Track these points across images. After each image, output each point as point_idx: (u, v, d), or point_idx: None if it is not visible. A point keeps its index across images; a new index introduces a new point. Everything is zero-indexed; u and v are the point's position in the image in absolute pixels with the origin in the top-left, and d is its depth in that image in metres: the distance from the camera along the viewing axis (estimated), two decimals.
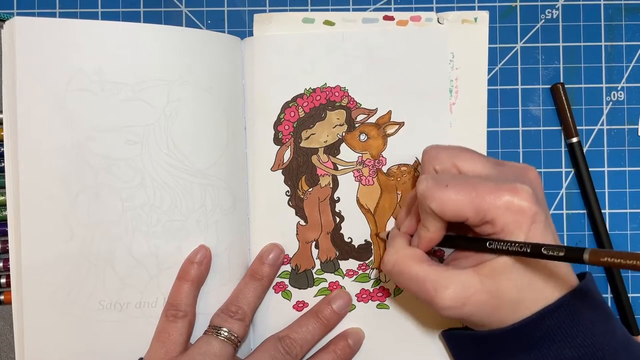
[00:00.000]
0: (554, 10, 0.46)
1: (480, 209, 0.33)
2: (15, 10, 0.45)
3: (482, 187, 0.33)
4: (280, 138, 0.43)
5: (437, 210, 0.34)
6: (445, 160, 0.37)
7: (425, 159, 0.38)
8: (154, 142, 0.40)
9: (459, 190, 0.33)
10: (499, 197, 0.33)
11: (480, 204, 0.33)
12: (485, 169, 0.36)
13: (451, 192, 0.33)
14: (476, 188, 0.33)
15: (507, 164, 0.37)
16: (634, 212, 0.46)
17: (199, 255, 0.40)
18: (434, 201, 0.34)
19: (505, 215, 0.33)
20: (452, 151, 0.37)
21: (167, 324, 0.39)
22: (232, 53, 0.43)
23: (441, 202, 0.33)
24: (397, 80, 0.43)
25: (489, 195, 0.33)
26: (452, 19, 0.44)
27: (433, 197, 0.34)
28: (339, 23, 0.44)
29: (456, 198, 0.33)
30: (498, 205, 0.33)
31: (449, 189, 0.33)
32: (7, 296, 0.42)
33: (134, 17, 0.45)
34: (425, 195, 0.34)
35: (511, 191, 0.33)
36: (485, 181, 0.34)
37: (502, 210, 0.33)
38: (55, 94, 0.39)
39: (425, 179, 0.35)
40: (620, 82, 0.46)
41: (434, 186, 0.34)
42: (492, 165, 0.36)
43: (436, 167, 0.37)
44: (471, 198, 0.33)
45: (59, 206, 0.39)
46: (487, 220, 0.33)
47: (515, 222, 0.33)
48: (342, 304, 0.43)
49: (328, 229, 0.44)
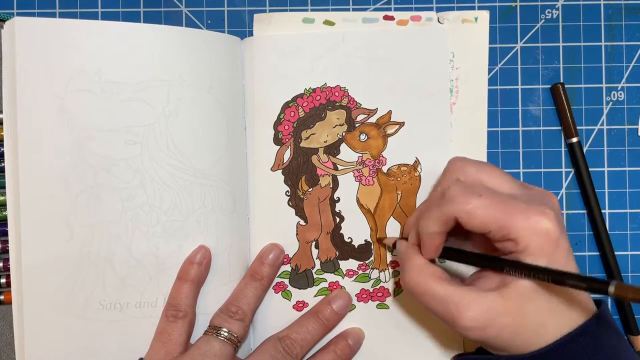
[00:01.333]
0: (554, 10, 0.46)
1: (507, 225, 0.33)
2: (15, 10, 0.45)
3: (513, 205, 0.33)
4: (280, 138, 0.43)
5: (464, 218, 0.33)
6: (471, 173, 0.36)
7: (450, 168, 0.38)
8: (154, 142, 0.40)
9: (491, 202, 0.33)
10: (528, 217, 0.32)
11: (508, 220, 0.33)
12: (512, 189, 0.36)
13: (485, 201, 0.33)
14: (508, 204, 0.33)
15: (531, 187, 0.37)
16: (634, 212, 0.46)
17: (199, 255, 0.40)
18: (466, 206, 0.33)
19: (530, 236, 0.32)
20: (480, 166, 0.37)
21: (167, 324, 0.39)
22: (232, 53, 0.43)
23: (473, 209, 0.33)
24: (397, 80, 0.43)
25: (519, 214, 0.33)
26: (452, 19, 0.44)
27: (466, 202, 0.33)
28: (339, 23, 0.44)
29: (487, 209, 0.33)
30: (525, 225, 0.32)
31: (482, 198, 0.33)
32: (7, 296, 0.42)
33: (134, 17, 0.45)
34: (457, 200, 0.34)
35: (540, 213, 0.33)
36: (516, 200, 0.34)
37: (528, 231, 0.32)
38: (56, 94, 0.39)
39: (459, 184, 0.34)
40: (620, 82, 0.46)
41: (468, 192, 0.34)
42: (518, 186, 0.36)
43: (461, 178, 0.37)
44: (501, 212, 0.33)
45: (59, 206, 0.39)
46: (509, 237, 0.33)
47: (539, 244, 0.32)
48: (342, 304, 0.43)
49: (328, 229, 0.44)
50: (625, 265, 0.45)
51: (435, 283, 0.35)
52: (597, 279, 0.30)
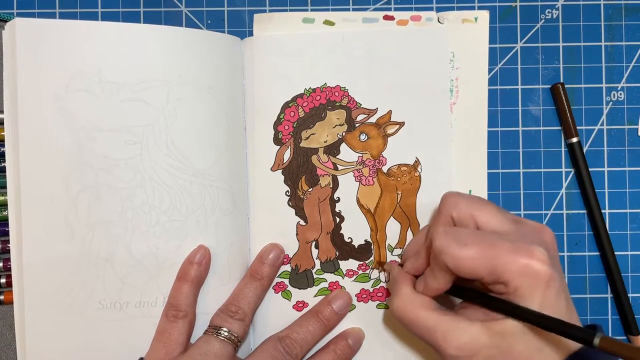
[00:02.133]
0: (554, 10, 0.46)
1: (496, 270, 0.32)
2: (15, 10, 0.45)
3: (500, 248, 0.33)
4: (280, 138, 0.43)
5: (453, 268, 0.34)
6: (463, 209, 0.36)
7: (444, 204, 0.38)
8: (154, 142, 0.40)
9: (477, 251, 0.33)
10: (515, 259, 0.32)
11: (496, 265, 0.32)
12: (502, 225, 0.35)
13: (470, 251, 0.33)
14: (494, 248, 0.33)
15: (524, 221, 0.37)
16: (634, 212, 0.46)
17: (199, 255, 0.40)
18: (452, 259, 0.33)
19: (520, 278, 0.32)
20: (471, 202, 0.37)
21: (167, 324, 0.39)
22: (232, 53, 0.43)
23: (458, 260, 0.33)
24: (397, 80, 0.43)
25: (506, 257, 0.32)
26: (452, 19, 0.44)
27: (451, 255, 0.33)
28: (339, 23, 0.44)
29: (473, 258, 0.33)
30: (514, 268, 0.32)
31: (467, 248, 0.33)
32: (7, 296, 0.42)
33: (134, 17, 0.45)
34: (443, 251, 0.34)
35: (528, 254, 0.32)
36: (503, 241, 0.33)
37: (518, 274, 0.32)
38: (56, 95, 0.39)
39: (444, 233, 0.34)
40: (620, 82, 0.46)
41: (452, 243, 0.33)
42: (509, 222, 0.36)
43: (453, 214, 0.37)
44: (488, 259, 0.33)
45: (60, 206, 0.39)
46: (500, 281, 0.33)
47: (529, 285, 0.32)
48: (342, 304, 0.43)
49: (328, 229, 0.44)
50: (625, 265, 0.45)
51: (423, 312, 0.36)
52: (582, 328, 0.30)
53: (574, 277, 0.45)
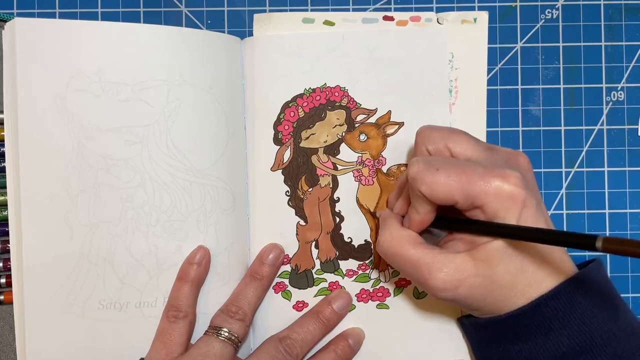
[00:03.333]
0: (554, 10, 0.46)
1: (470, 194, 0.33)
2: (15, 10, 0.45)
3: (472, 172, 0.33)
4: (280, 138, 0.43)
5: (427, 194, 0.34)
6: (437, 141, 0.37)
7: (418, 139, 0.38)
8: (154, 142, 0.40)
9: (449, 175, 0.33)
10: (489, 182, 0.33)
11: (469, 189, 0.33)
12: (476, 153, 0.36)
13: (441, 175, 0.33)
14: (466, 172, 0.33)
15: (498, 148, 0.37)
16: (634, 212, 0.46)
17: (198, 255, 0.40)
18: (424, 184, 0.34)
19: (495, 201, 0.33)
20: (445, 132, 0.37)
21: (167, 325, 0.39)
22: (232, 53, 0.43)
23: (431, 185, 0.34)
24: (397, 80, 0.43)
25: (479, 181, 0.33)
26: (452, 19, 0.44)
27: (423, 181, 0.34)
28: (339, 23, 0.44)
29: (446, 182, 0.33)
30: (488, 191, 0.33)
31: (439, 172, 0.34)
32: (7, 296, 0.42)
33: (134, 17, 0.45)
34: (416, 178, 0.34)
35: (501, 176, 0.33)
36: (476, 166, 0.34)
37: (492, 196, 0.33)
38: (56, 95, 0.39)
39: (417, 161, 0.35)
40: (620, 82, 0.46)
41: (424, 169, 0.34)
42: (483, 149, 0.36)
43: (429, 147, 0.37)
44: (461, 183, 0.33)
45: (60, 206, 0.39)
46: (476, 205, 0.33)
47: (505, 208, 0.33)
48: (342, 304, 0.43)
49: (328, 229, 0.44)
50: (625, 265, 0.45)
51: (408, 246, 0.36)
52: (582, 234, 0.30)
53: None
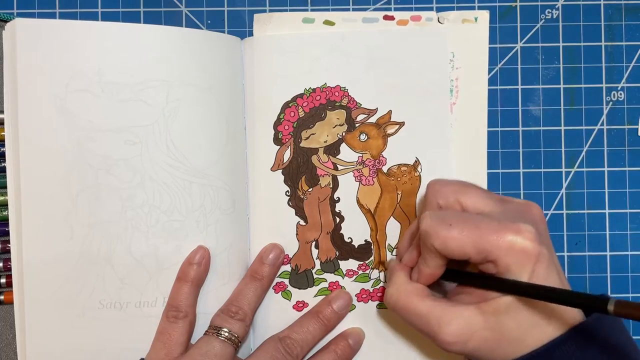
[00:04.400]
0: (554, 10, 0.46)
1: (483, 248, 0.33)
2: (15, 10, 0.45)
3: (486, 227, 0.33)
4: (280, 138, 0.43)
5: (440, 249, 0.34)
6: (448, 195, 0.37)
7: (430, 192, 0.38)
8: (154, 142, 0.40)
9: (462, 230, 0.33)
10: (502, 237, 0.32)
11: (483, 244, 0.33)
12: (488, 206, 0.36)
13: (454, 231, 0.33)
14: (479, 227, 0.33)
15: (510, 200, 0.37)
16: (634, 212, 0.46)
17: (198, 256, 0.40)
18: (437, 240, 0.34)
19: (508, 255, 0.32)
20: (456, 187, 0.37)
21: (167, 325, 0.39)
22: (232, 53, 0.43)
23: (444, 240, 0.33)
24: (397, 80, 0.43)
25: (492, 235, 0.33)
26: (453, 19, 0.44)
27: (437, 236, 0.34)
28: (339, 23, 0.44)
29: (459, 237, 0.33)
30: (501, 245, 0.32)
31: (452, 227, 0.33)
32: (7, 296, 0.42)
33: (134, 17, 0.45)
34: (429, 232, 0.34)
35: (514, 231, 0.33)
36: (489, 220, 0.34)
37: (505, 251, 0.32)
38: (56, 95, 0.39)
39: (429, 216, 0.34)
40: (620, 82, 0.46)
41: (437, 224, 0.34)
42: (495, 202, 0.36)
43: (439, 201, 0.37)
44: (474, 238, 0.33)
45: (60, 206, 0.39)
46: (489, 259, 0.33)
47: (518, 262, 0.32)
48: (343, 304, 0.43)
49: (328, 229, 0.44)
50: (625, 265, 0.45)
51: (416, 300, 0.36)
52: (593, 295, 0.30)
53: (574, 277, 0.45)
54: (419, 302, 0.36)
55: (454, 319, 0.34)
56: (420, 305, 0.36)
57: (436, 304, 0.35)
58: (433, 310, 0.35)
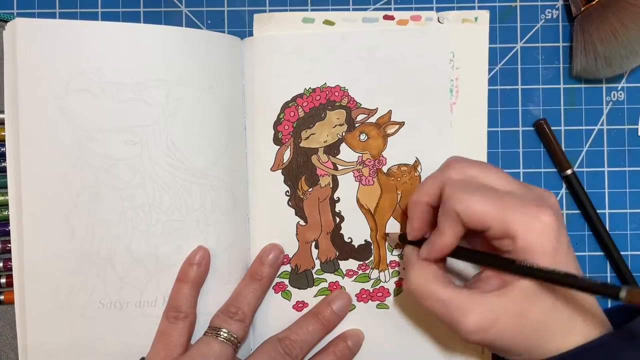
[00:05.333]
0: (554, 10, 0.46)
1: (505, 222, 0.33)
2: (15, 10, 0.45)
3: (510, 201, 0.33)
4: (280, 138, 0.43)
5: (462, 213, 0.33)
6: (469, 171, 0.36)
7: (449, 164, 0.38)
8: (154, 142, 0.40)
9: (487, 198, 0.33)
10: (526, 212, 0.32)
11: (506, 216, 0.32)
12: (510, 186, 0.36)
13: (480, 197, 0.33)
14: (504, 200, 0.33)
15: (530, 186, 0.37)
16: (634, 212, 0.46)
17: (198, 256, 0.40)
18: (461, 204, 0.33)
19: (529, 233, 0.32)
20: (478, 165, 0.37)
21: (167, 325, 0.39)
22: (232, 53, 0.43)
23: (468, 205, 0.33)
24: (398, 79, 0.43)
25: (516, 210, 0.33)
26: (453, 19, 0.44)
27: (461, 200, 0.33)
28: (339, 23, 0.44)
29: (484, 204, 0.33)
30: (524, 222, 0.32)
31: (477, 194, 0.33)
32: (7, 296, 0.43)
33: (134, 17, 0.45)
34: (453, 196, 0.34)
35: (539, 209, 0.33)
36: (514, 196, 0.34)
37: (527, 227, 0.32)
38: (56, 95, 0.39)
39: (456, 181, 0.34)
40: (620, 82, 0.45)
41: (463, 189, 0.34)
42: (517, 184, 0.36)
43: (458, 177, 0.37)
44: (498, 208, 0.33)
45: (60, 205, 0.40)
46: (509, 234, 0.33)
47: (539, 241, 0.32)
48: (342, 305, 0.43)
49: (328, 229, 0.44)
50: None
51: (438, 287, 0.35)
52: (607, 283, 0.30)
53: None
54: (440, 290, 0.35)
55: (476, 306, 0.34)
56: (442, 292, 0.35)
57: (458, 291, 0.35)
58: (454, 298, 0.34)
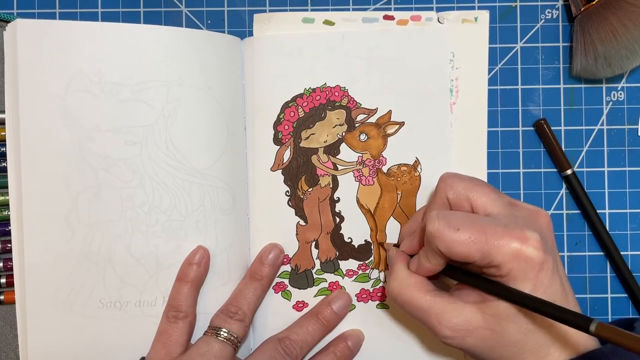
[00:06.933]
0: (554, 10, 0.45)
1: (488, 253, 0.33)
2: (16, 10, 0.45)
3: (492, 232, 0.33)
4: (280, 138, 0.43)
5: (445, 252, 0.34)
6: (459, 191, 0.37)
7: (441, 186, 0.38)
8: (153, 142, 0.40)
9: (469, 235, 0.33)
10: (508, 243, 0.33)
11: (488, 248, 0.33)
12: (496, 208, 0.36)
13: (461, 235, 0.33)
14: (486, 232, 0.33)
15: (519, 204, 0.37)
16: (634, 212, 0.46)
17: (198, 256, 0.40)
18: (443, 243, 0.34)
19: (512, 262, 0.33)
20: (468, 183, 0.37)
21: (167, 325, 0.39)
22: (232, 53, 0.43)
23: (450, 244, 0.33)
24: (397, 80, 0.43)
25: (498, 241, 0.33)
26: (453, 19, 0.44)
27: (442, 239, 0.34)
28: (339, 23, 0.44)
29: (465, 243, 0.33)
30: (506, 251, 0.33)
31: (459, 233, 0.33)
32: (7, 296, 0.43)
33: (134, 17, 0.45)
34: (435, 235, 0.34)
35: (520, 238, 0.33)
36: (495, 225, 0.34)
37: (510, 257, 0.33)
38: (56, 95, 0.39)
39: (437, 217, 0.34)
40: (620, 82, 0.45)
41: (444, 228, 0.34)
42: (504, 205, 0.36)
43: (449, 195, 0.37)
44: (480, 243, 0.33)
45: (61, 205, 0.40)
46: (493, 264, 0.33)
47: (521, 269, 0.33)
48: (342, 305, 0.43)
49: (328, 229, 0.44)
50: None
51: (418, 293, 0.36)
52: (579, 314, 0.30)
53: (574, 277, 0.45)
54: (420, 297, 0.36)
55: (454, 316, 0.35)
56: (421, 299, 0.36)
57: (437, 299, 0.36)
58: (434, 305, 0.35)
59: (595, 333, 0.29)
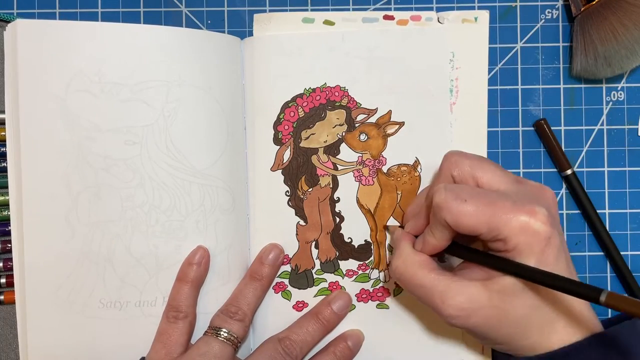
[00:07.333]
0: (554, 10, 0.46)
1: (495, 226, 0.33)
2: (15, 10, 0.45)
3: (500, 205, 0.33)
4: (280, 138, 0.43)
5: (452, 223, 0.34)
6: (465, 169, 0.36)
7: (445, 164, 0.38)
8: (153, 142, 0.40)
9: (476, 207, 0.33)
10: (516, 217, 0.32)
11: (495, 221, 0.33)
12: (503, 184, 0.36)
13: (469, 207, 0.33)
14: (494, 205, 0.33)
15: (525, 182, 0.37)
16: (634, 212, 0.46)
17: (197, 256, 0.40)
18: (450, 214, 0.33)
19: (519, 235, 0.33)
20: (473, 161, 0.37)
21: (167, 325, 0.39)
22: (232, 53, 0.43)
23: (457, 216, 0.33)
24: (397, 80, 0.43)
25: (506, 214, 0.33)
26: (453, 19, 0.44)
27: (450, 210, 0.33)
28: (339, 23, 0.44)
29: (473, 214, 0.33)
30: (513, 225, 0.32)
31: (466, 204, 0.33)
32: (7, 296, 0.43)
33: (134, 17, 0.45)
34: (442, 206, 0.34)
35: (528, 212, 0.33)
36: (504, 199, 0.33)
37: (517, 231, 0.32)
38: (56, 95, 0.39)
39: (444, 189, 0.34)
40: (620, 82, 0.46)
41: (452, 199, 0.33)
42: (510, 181, 0.36)
43: (454, 173, 0.37)
44: (488, 215, 0.33)
45: (61, 205, 0.40)
46: (500, 238, 0.33)
47: (528, 243, 0.33)
48: (342, 305, 0.43)
49: (328, 229, 0.44)
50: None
51: (421, 272, 0.36)
52: (588, 285, 0.30)
53: None
54: (423, 275, 0.36)
55: (458, 293, 0.34)
56: (425, 278, 0.36)
57: (441, 277, 0.35)
58: (438, 284, 0.35)
59: (606, 303, 0.29)
